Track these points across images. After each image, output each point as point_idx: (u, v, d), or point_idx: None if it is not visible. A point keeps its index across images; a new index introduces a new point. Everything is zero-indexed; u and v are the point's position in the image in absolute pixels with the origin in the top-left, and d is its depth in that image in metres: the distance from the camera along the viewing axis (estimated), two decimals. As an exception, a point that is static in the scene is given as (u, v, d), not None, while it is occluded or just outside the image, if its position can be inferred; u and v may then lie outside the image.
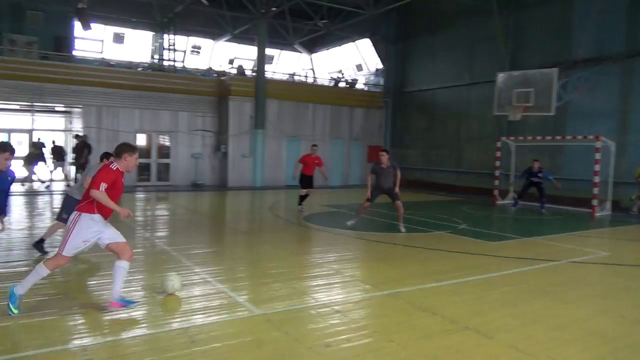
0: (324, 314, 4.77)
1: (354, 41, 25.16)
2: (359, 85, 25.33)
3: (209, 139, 20.77)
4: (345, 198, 16.89)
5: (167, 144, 20.30)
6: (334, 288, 5.77)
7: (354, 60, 26.67)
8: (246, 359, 3.73)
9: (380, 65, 24.66)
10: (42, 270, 4.53)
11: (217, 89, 20.85)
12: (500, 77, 15.82)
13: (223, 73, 22.03)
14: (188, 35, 25.03)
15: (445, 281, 6.09)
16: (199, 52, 26.15)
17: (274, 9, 20.25)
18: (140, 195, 16.55)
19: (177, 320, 4.50)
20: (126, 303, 4.69)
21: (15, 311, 4.38)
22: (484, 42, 19.46)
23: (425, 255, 7.75)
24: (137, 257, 7.17)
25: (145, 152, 19.87)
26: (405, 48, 23.71)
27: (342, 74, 25.77)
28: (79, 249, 4.62)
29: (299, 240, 9.10)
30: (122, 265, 4.71)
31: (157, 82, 19.59)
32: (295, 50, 28.06)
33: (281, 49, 27.75)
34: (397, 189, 9.76)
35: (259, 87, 20.28)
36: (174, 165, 20.19)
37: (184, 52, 25.40)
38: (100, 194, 4.50)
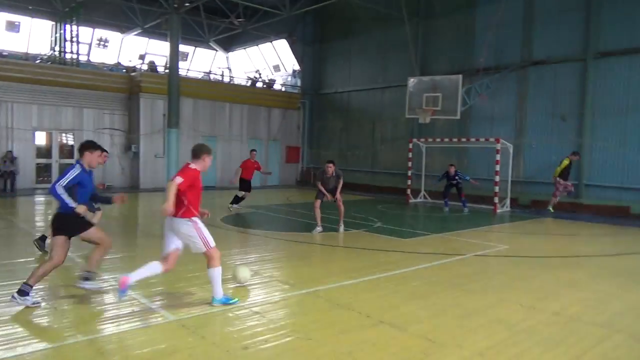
0: (242, 316, 4.70)
1: (271, 41, 25.10)
2: (277, 86, 25.31)
3: (118, 138, 19.66)
4: (264, 199, 16.80)
5: (71, 143, 18.92)
6: (253, 289, 5.71)
7: (272, 61, 26.61)
8: (160, 367, 3.57)
9: (297, 67, 24.82)
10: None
11: (126, 85, 19.79)
12: (411, 81, 16.60)
13: (133, 69, 20.96)
14: (94, 27, 23.45)
15: (362, 278, 6.26)
16: (106, 46, 24.61)
17: (187, 4, 19.60)
18: (40, 199, 15.25)
19: (83, 331, 4.20)
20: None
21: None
22: (396, 48, 20.30)
23: (343, 253, 7.92)
24: (35, 265, 6.61)
25: (45, 152, 18.38)
26: (322, 50, 24.08)
27: (260, 74, 25.60)
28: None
29: (217, 242, 8.84)
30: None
31: (58, 76, 18.16)
32: (211, 48, 27.42)
33: (196, 46, 26.96)
34: (337, 194, 9.91)
35: (172, 84, 19.50)
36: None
37: (89, 44, 23.79)
38: (171, 184, 4.71)
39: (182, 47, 23.34)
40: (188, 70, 26.01)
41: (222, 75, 26.58)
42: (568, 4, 15.31)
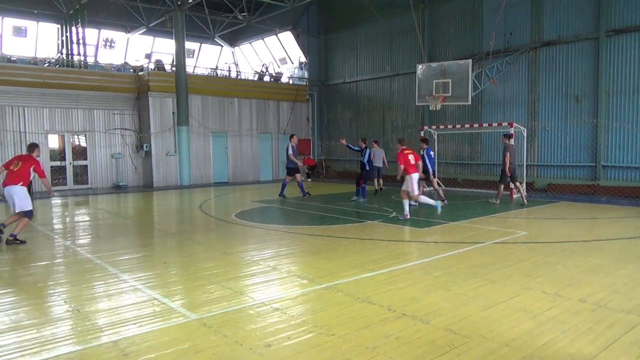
0: (263, 313, 4.68)
1: (276, 34, 24.96)
2: (284, 79, 25.21)
3: (129, 138, 19.76)
4: (277, 193, 16.78)
5: (83, 144, 19.05)
6: (271, 285, 5.69)
7: (278, 54, 26.49)
8: (184, 368, 3.56)
9: (303, 59, 24.68)
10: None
11: (134, 84, 19.85)
12: (420, 68, 16.40)
13: (140, 68, 21.00)
14: (99, 29, 23.51)
15: (381, 270, 6.21)
16: (113, 46, 24.67)
17: (190, 1, 19.55)
18: (56, 201, 15.40)
19: (106, 333, 4.20)
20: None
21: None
22: (403, 35, 20.08)
23: (360, 245, 7.86)
24: (57, 268, 6.68)
25: (58, 154, 18.55)
26: (328, 41, 23.92)
27: (267, 68, 25.51)
28: None
29: (232, 239, 8.88)
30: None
31: (66, 79, 18.27)
32: (217, 43, 27.37)
33: (201, 43, 26.93)
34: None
35: (179, 82, 19.57)
36: (92, 167, 19.02)
37: (96, 46, 23.86)
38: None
39: (188, 44, 23.36)
40: (195, 67, 26.00)
41: (229, 71, 26.54)
42: (578, -19, 14.99)
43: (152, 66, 21.63)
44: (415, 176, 10.26)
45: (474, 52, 17.34)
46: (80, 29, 21.03)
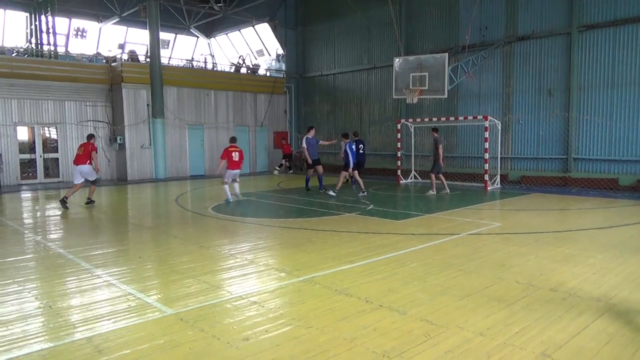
0: (241, 307, 4.65)
1: (253, 26, 24.70)
2: (261, 71, 25.00)
3: (102, 130, 19.34)
4: (254, 186, 16.69)
5: (54, 137, 18.56)
6: (249, 279, 5.66)
7: (255, 46, 26.24)
8: (160, 363, 3.51)
9: (281, 51, 24.51)
10: None
11: (107, 75, 19.41)
12: (397, 61, 16.46)
13: (113, 59, 20.53)
14: (70, 17, 22.86)
15: (358, 262, 6.24)
16: (84, 36, 24.04)
17: (165, -11, 19.17)
18: (26, 195, 14.99)
19: (80, 329, 4.12)
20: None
21: None
22: (380, 28, 20.12)
23: (337, 238, 7.88)
24: (28, 263, 6.50)
25: (28, 147, 18.04)
26: (305, 33, 23.80)
27: (243, 60, 25.24)
28: None
29: (209, 232, 8.80)
30: None
31: (36, 69, 17.75)
32: (192, 34, 26.94)
33: (176, 33, 26.46)
34: None
35: (154, 73, 19.21)
36: (63, 159, 18.55)
37: (67, 35, 23.22)
38: None
39: (163, 35, 22.93)
40: (170, 58, 25.58)
41: (205, 62, 26.18)
42: (552, -23, 15.24)
43: (125, 57, 21.18)
44: (233, 171, 12.43)
45: (450, 46, 17.50)
46: (50, 18, 20.41)
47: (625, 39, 13.77)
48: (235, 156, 12.39)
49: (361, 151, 14.92)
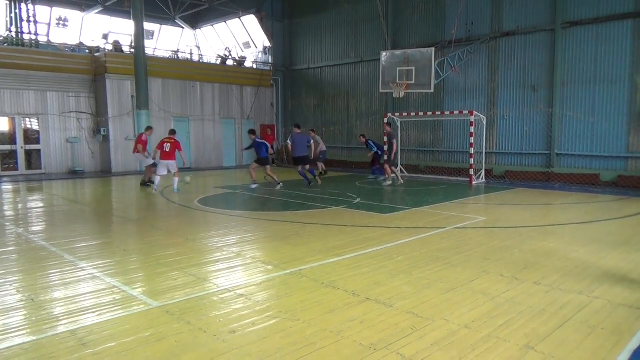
0: (227, 300, 4.64)
1: (239, 17, 24.48)
2: (248, 63, 24.82)
3: (85, 122, 19.05)
4: (240, 179, 16.61)
5: (36, 128, 18.23)
6: (236, 272, 5.64)
7: (241, 38, 26.01)
8: (145, 355, 3.47)
9: (268, 43, 24.35)
10: None
11: (91, 66, 19.10)
12: (384, 55, 16.48)
13: (97, 49, 20.18)
14: (51, 6, 22.37)
15: (345, 255, 6.26)
16: (66, 25, 23.55)
17: (151, -21, 18.85)
18: (7, 187, 14.71)
19: (63, 322, 4.07)
20: None
21: None
22: (367, 22, 20.10)
23: (324, 231, 7.89)
24: (9, 256, 6.39)
25: (8, 138, 17.69)
26: (292, 26, 23.67)
27: (230, 52, 25.02)
28: None
29: (195, 225, 8.75)
30: None
31: (16, 59, 17.39)
32: (178, 25, 26.61)
33: (162, 24, 26.10)
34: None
35: (138, 64, 18.91)
36: (45, 151, 18.26)
37: (48, 24, 22.73)
38: None
39: (147, 25, 22.61)
40: (155, 49, 25.24)
41: (191, 54, 25.89)
42: (537, -27, 15.36)
43: (109, 47, 20.84)
44: (165, 162, 12.90)
45: (437, 41, 17.57)
46: (30, 6, 19.96)
47: (608, 36, 13.97)
48: (167, 147, 12.90)
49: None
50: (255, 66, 24.59)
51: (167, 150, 12.88)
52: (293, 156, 14.42)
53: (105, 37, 24.18)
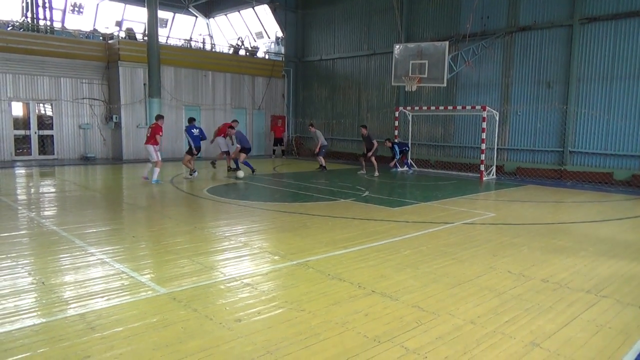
0: (234, 288, 4.67)
1: (252, 7, 24.42)
2: (260, 54, 24.78)
3: (98, 108, 19.19)
4: (249, 169, 16.63)
5: (50, 113, 18.40)
6: (243, 261, 5.68)
7: (254, 28, 25.96)
8: (152, 341, 3.52)
9: (280, 34, 24.28)
10: None
11: (104, 53, 19.19)
12: (397, 48, 16.36)
13: (110, 36, 20.27)
14: (67, -8, 22.50)
15: (352, 248, 6.27)
16: (81, 12, 23.66)
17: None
18: (20, 171, 14.91)
19: (73, 306, 4.13)
20: None
21: None
22: (381, 14, 19.93)
23: (332, 223, 7.90)
24: (21, 240, 6.49)
25: (23, 123, 17.88)
26: (305, 16, 23.55)
27: (242, 42, 24.99)
28: None
29: (204, 214, 8.80)
30: None
31: (31, 44, 17.51)
32: (191, 14, 26.61)
33: (175, 12, 26.12)
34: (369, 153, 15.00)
35: (151, 52, 18.93)
36: (58, 137, 18.43)
37: (63, 10, 22.85)
38: None
39: (161, 13, 22.64)
40: (168, 37, 25.29)
41: (204, 43, 25.91)
42: (556, -32, 15.11)
43: (123, 34, 20.91)
44: (150, 147, 12.64)
45: (451, 34, 17.38)
46: (46, -8, 20.09)
47: (627, 33, 13.72)
48: (147, 132, 13.01)
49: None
50: (267, 56, 24.55)
51: (148, 134, 12.90)
52: (245, 146, 14.66)
53: (119, 24, 24.27)
